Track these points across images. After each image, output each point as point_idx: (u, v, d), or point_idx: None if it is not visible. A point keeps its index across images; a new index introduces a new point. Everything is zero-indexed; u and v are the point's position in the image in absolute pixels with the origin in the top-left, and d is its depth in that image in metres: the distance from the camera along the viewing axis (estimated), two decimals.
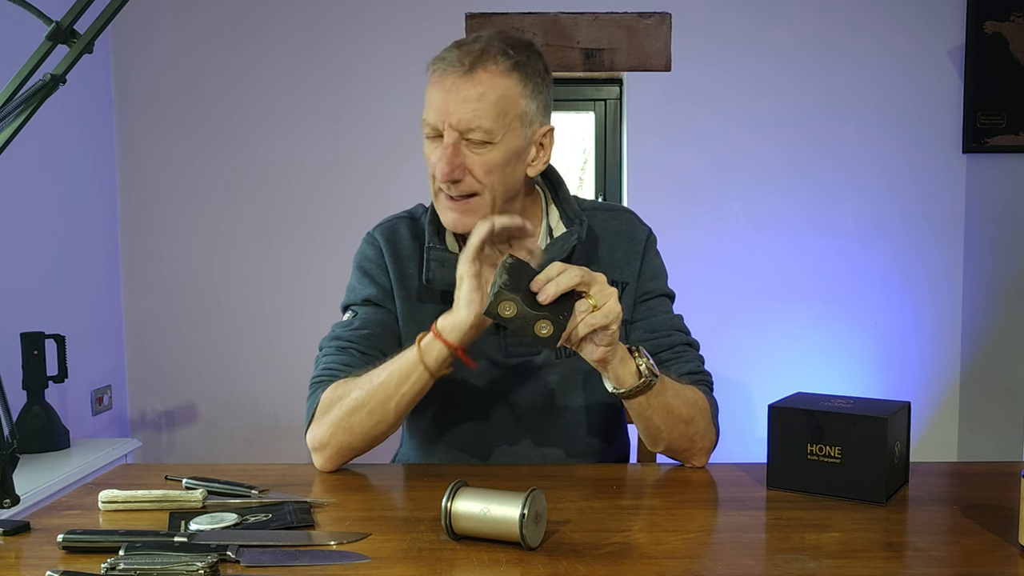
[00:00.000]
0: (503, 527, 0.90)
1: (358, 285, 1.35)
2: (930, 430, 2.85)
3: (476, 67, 1.18)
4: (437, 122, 1.20)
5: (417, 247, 1.34)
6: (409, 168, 2.76)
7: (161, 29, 2.75)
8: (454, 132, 1.18)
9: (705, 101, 2.78)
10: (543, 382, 1.32)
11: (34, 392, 2.13)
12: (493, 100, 1.18)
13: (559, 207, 1.34)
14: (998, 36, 2.74)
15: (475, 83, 1.18)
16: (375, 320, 1.31)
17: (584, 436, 1.34)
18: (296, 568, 0.88)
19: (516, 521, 0.89)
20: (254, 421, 2.82)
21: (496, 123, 1.18)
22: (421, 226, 1.36)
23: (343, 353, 1.28)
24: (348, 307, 1.36)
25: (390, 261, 1.34)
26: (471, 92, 1.18)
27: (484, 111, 1.18)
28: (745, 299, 2.81)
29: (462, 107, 1.17)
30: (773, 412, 1.14)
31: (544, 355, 1.31)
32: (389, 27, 2.75)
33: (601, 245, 1.35)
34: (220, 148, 2.78)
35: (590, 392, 1.33)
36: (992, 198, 2.80)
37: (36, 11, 1.02)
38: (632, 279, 1.34)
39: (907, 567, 0.88)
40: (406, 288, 1.33)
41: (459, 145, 1.19)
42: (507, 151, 1.21)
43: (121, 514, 1.06)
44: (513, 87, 1.20)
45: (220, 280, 2.81)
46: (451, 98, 1.18)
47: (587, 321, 1.06)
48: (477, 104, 1.17)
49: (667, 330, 1.34)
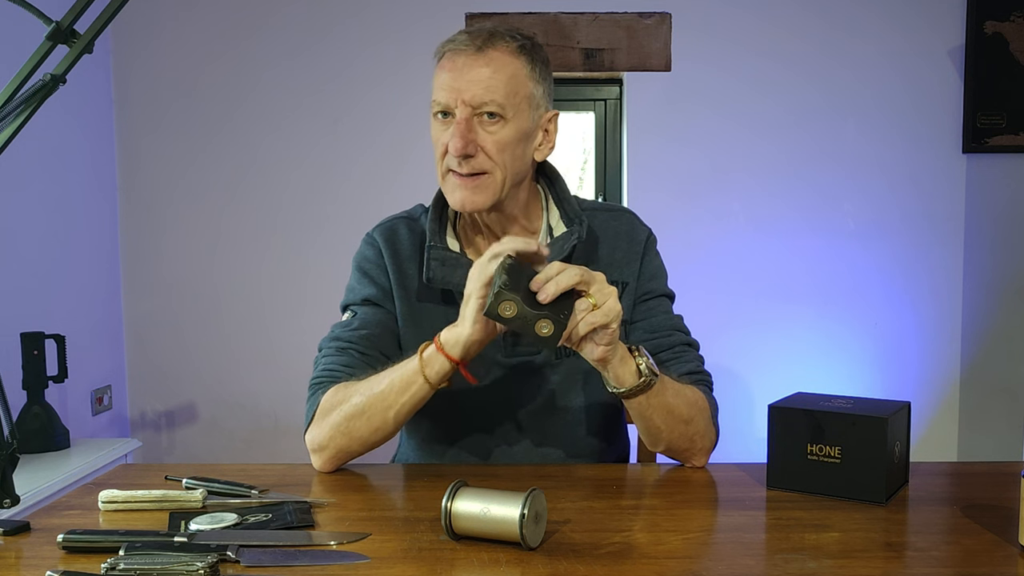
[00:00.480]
0: (503, 527, 0.90)
1: (357, 285, 1.36)
2: (930, 430, 2.85)
3: (487, 47, 1.21)
4: (449, 100, 1.21)
5: (416, 247, 1.35)
6: (409, 168, 2.76)
7: (161, 29, 2.75)
8: (467, 108, 1.20)
9: (705, 101, 2.78)
10: (544, 382, 1.32)
11: (34, 392, 2.13)
12: (504, 78, 1.21)
13: (559, 207, 1.35)
14: (998, 36, 2.74)
15: (487, 60, 1.21)
16: (374, 320, 1.32)
17: (584, 436, 1.34)
18: (296, 568, 0.88)
19: (516, 521, 0.89)
20: (254, 421, 2.82)
21: (508, 100, 1.21)
22: (420, 226, 1.36)
23: (342, 354, 1.28)
24: (347, 307, 1.36)
25: (389, 261, 1.34)
26: (483, 69, 1.20)
27: (496, 87, 1.20)
28: (745, 299, 2.81)
29: (474, 83, 1.20)
30: (773, 412, 1.14)
31: (544, 355, 1.31)
32: (389, 27, 2.75)
33: (601, 245, 1.35)
34: (220, 148, 2.78)
35: (590, 392, 1.33)
36: (992, 198, 2.80)
37: (36, 11, 1.02)
38: (632, 279, 1.34)
39: (907, 567, 0.88)
40: (405, 288, 1.33)
41: (472, 121, 1.21)
42: (517, 130, 1.23)
43: (121, 514, 1.06)
44: (521, 68, 1.23)
45: (220, 280, 2.81)
46: (464, 75, 1.20)
47: (587, 320, 1.06)
48: (489, 80, 1.20)
49: (667, 330, 1.34)
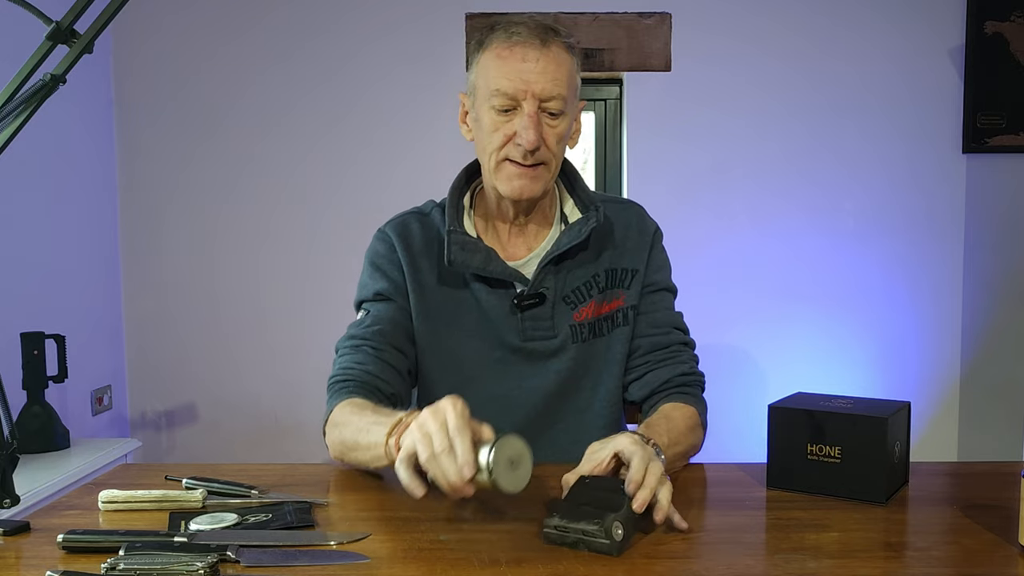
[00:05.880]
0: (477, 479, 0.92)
1: (370, 280, 1.37)
2: (930, 430, 2.85)
3: (549, 41, 1.24)
4: (517, 92, 1.23)
5: (428, 242, 1.36)
6: (409, 167, 2.76)
7: (161, 29, 2.75)
8: (535, 101, 1.23)
9: (705, 101, 2.78)
10: (557, 365, 1.34)
11: (34, 392, 2.13)
12: (565, 73, 1.24)
13: (572, 194, 1.38)
14: (998, 36, 2.74)
15: (553, 55, 1.24)
16: (386, 316, 1.33)
17: (591, 420, 1.35)
18: (296, 568, 0.88)
19: (487, 470, 0.91)
20: (254, 421, 2.82)
21: (569, 94, 1.25)
22: (432, 221, 1.38)
23: (356, 352, 1.30)
24: (361, 303, 1.37)
25: (403, 255, 1.35)
26: (550, 64, 1.23)
27: (562, 82, 1.24)
28: (745, 298, 2.81)
29: (543, 77, 1.22)
30: (773, 412, 1.14)
31: (560, 340, 1.33)
32: (389, 27, 2.75)
33: (614, 233, 1.39)
34: (220, 148, 2.78)
35: (598, 376, 1.36)
36: (992, 198, 2.80)
37: (36, 11, 1.02)
38: (641, 267, 1.38)
39: (907, 567, 0.88)
40: (419, 283, 1.34)
41: (538, 114, 1.24)
42: (569, 123, 1.28)
43: (121, 514, 1.06)
44: (573, 63, 1.27)
45: (220, 280, 2.80)
46: (532, 67, 1.22)
47: (666, 494, 0.98)
48: (555, 74, 1.23)
49: (666, 327, 1.37)
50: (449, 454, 0.93)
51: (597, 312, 1.35)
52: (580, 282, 1.35)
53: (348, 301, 1.40)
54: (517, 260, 1.35)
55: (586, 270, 1.35)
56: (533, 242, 1.37)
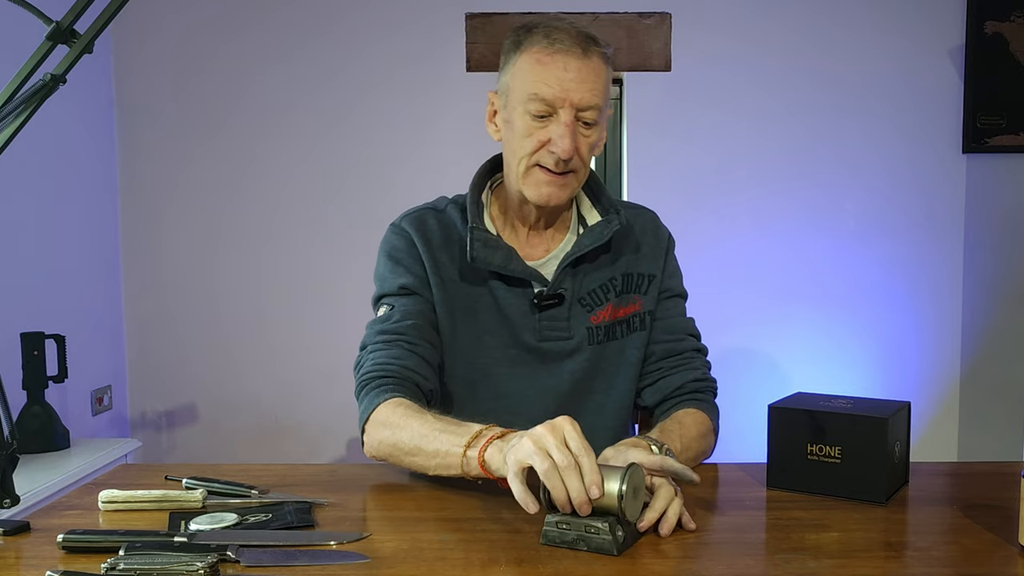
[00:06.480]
0: (602, 502, 0.91)
1: (391, 275, 1.34)
2: (930, 430, 2.85)
3: (590, 51, 1.24)
4: (555, 99, 1.22)
5: (446, 237, 1.35)
6: (409, 168, 2.76)
7: (161, 29, 2.75)
8: (572, 110, 1.23)
9: (705, 101, 2.78)
10: (572, 365, 1.34)
11: (34, 392, 2.13)
12: (602, 84, 1.25)
13: (590, 197, 1.39)
14: (998, 36, 2.74)
15: (592, 65, 1.24)
16: (415, 310, 1.31)
17: (600, 422, 1.35)
18: (296, 568, 0.88)
19: (615, 496, 0.90)
20: (254, 421, 2.82)
21: (603, 105, 1.26)
22: (448, 218, 1.37)
23: (392, 347, 1.27)
24: (382, 298, 1.35)
25: (423, 249, 1.34)
26: (590, 74, 1.23)
27: (599, 92, 1.24)
28: (746, 298, 2.81)
29: (582, 86, 1.22)
30: (773, 412, 1.14)
31: (576, 341, 1.34)
32: (389, 27, 2.75)
33: (632, 237, 1.40)
34: (220, 148, 2.78)
35: (611, 377, 1.36)
36: (992, 198, 2.80)
37: (36, 11, 1.02)
38: (658, 273, 1.39)
39: (907, 567, 0.88)
40: (440, 276, 1.33)
41: (575, 123, 1.24)
42: (601, 132, 1.29)
43: (121, 514, 1.06)
44: (608, 73, 1.27)
45: (220, 280, 2.80)
46: (573, 77, 1.22)
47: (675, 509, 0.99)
48: (594, 85, 1.23)
49: (680, 334, 1.38)
50: (574, 470, 0.92)
51: (613, 315, 1.35)
52: (596, 285, 1.35)
53: (348, 301, 1.39)
54: (535, 260, 1.35)
55: (603, 273, 1.36)
56: (551, 243, 1.37)
